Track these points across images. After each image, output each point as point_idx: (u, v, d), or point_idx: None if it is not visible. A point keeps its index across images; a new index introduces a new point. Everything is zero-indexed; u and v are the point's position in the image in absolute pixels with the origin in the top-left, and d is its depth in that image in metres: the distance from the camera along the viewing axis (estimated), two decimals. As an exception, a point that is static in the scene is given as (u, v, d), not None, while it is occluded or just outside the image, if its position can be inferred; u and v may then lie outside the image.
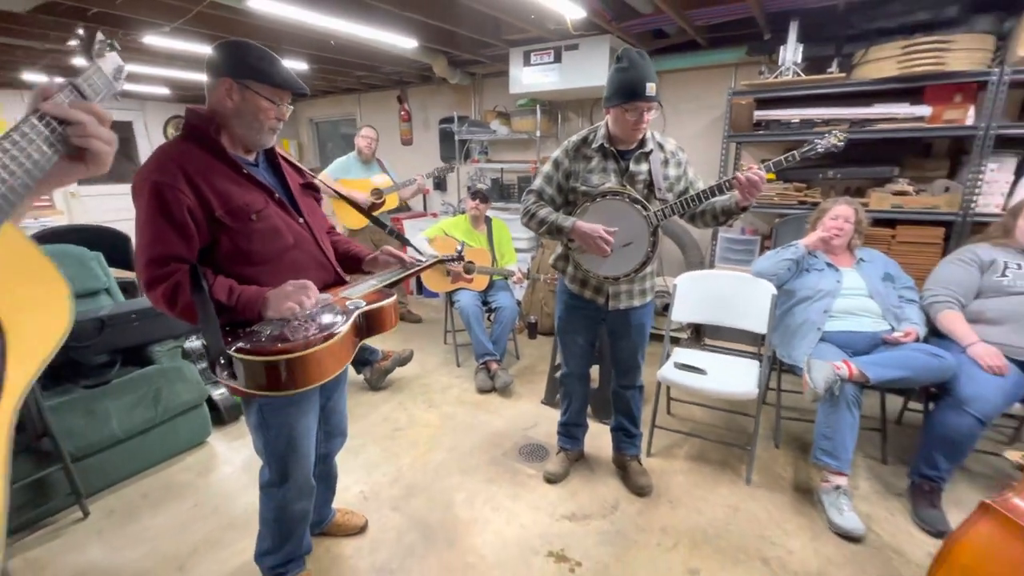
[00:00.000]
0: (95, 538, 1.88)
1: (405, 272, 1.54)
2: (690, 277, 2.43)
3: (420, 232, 3.37)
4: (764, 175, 1.56)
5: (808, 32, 2.93)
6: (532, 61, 3.64)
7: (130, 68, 0.83)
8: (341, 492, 1.94)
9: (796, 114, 2.94)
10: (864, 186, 2.97)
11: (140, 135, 6.20)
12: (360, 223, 3.71)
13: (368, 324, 1.28)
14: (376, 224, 1.72)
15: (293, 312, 1.17)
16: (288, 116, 1.30)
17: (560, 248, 1.95)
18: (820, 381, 1.82)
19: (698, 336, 3.54)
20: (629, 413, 2.11)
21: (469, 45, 3.77)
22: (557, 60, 3.53)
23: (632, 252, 1.74)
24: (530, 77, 3.69)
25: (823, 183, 3.07)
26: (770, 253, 2.33)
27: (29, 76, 4.50)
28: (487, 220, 3.45)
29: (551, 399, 2.84)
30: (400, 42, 3.27)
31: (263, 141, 1.30)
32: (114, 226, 3.35)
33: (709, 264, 3.51)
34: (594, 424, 2.43)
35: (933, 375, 1.86)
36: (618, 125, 1.71)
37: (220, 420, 2.61)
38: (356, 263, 1.56)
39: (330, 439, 1.68)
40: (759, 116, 3.06)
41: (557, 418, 2.26)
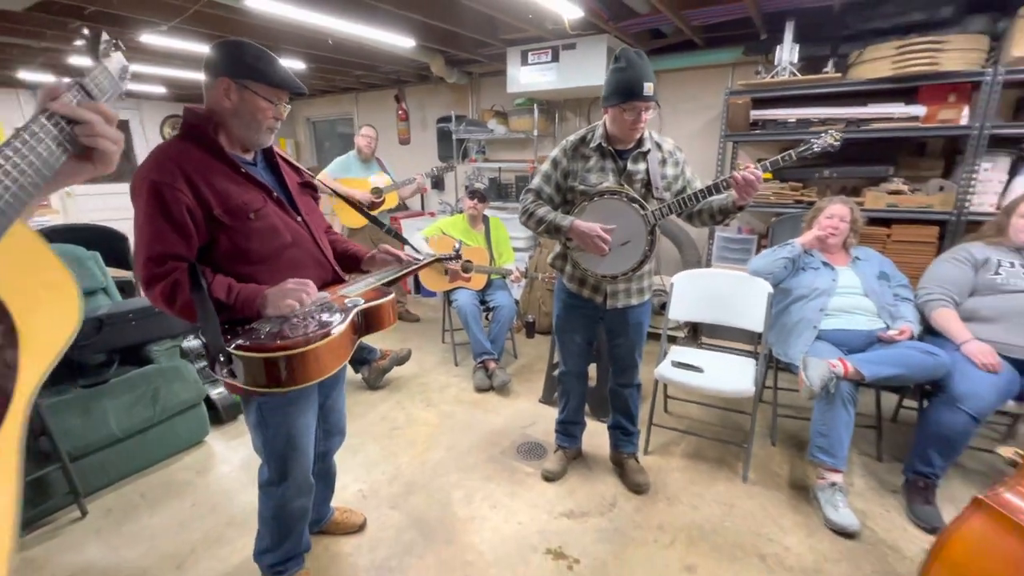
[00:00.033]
0: (93, 537, 1.88)
1: (403, 270, 1.54)
2: (687, 276, 2.44)
3: (418, 231, 3.37)
4: (761, 174, 1.57)
5: (804, 32, 2.95)
6: (530, 60, 3.64)
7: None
8: (340, 490, 1.94)
9: (792, 114, 2.96)
10: (859, 185, 2.98)
11: (137, 134, 6.18)
12: (359, 222, 3.72)
13: (366, 322, 1.29)
14: (374, 223, 1.72)
15: (292, 309, 1.18)
16: (286, 115, 1.31)
17: (558, 247, 1.96)
18: (816, 379, 1.84)
19: (695, 334, 3.55)
20: (627, 411, 2.12)
21: (467, 44, 3.77)
22: (555, 60, 3.53)
23: (630, 251, 1.74)
24: (528, 76, 3.69)
25: (819, 182, 3.08)
26: (766, 252, 2.34)
27: (25, 75, 4.48)
28: (485, 219, 3.45)
29: (549, 397, 2.84)
30: (398, 41, 3.27)
31: (261, 140, 1.30)
32: (110, 225, 3.34)
33: (706, 263, 3.52)
34: (592, 422, 2.44)
35: (927, 373, 1.88)
36: (616, 125, 1.71)
37: (218, 419, 2.61)
38: (354, 262, 1.57)
39: (329, 437, 1.68)
40: (756, 116, 3.07)
41: (555, 416, 2.26)
